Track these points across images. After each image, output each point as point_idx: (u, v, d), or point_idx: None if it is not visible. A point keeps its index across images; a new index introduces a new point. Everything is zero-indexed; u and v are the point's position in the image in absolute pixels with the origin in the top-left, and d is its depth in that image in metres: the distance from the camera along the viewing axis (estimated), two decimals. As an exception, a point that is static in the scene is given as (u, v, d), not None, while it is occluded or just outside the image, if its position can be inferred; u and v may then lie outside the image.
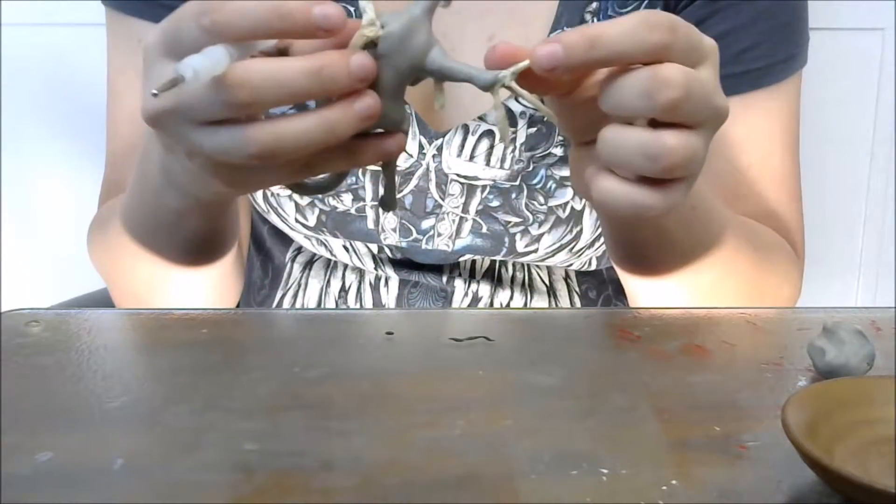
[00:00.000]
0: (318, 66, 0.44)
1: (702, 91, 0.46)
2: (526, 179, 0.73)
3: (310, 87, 0.44)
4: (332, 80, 0.44)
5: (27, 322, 0.57)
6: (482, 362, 0.52)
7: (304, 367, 0.51)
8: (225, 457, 0.42)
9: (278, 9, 0.44)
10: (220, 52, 0.44)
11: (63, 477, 0.41)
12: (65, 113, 1.15)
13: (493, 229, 0.74)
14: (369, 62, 0.45)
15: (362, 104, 0.45)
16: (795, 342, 0.54)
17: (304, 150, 0.46)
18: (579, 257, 0.77)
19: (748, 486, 0.40)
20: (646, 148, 0.46)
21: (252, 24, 0.44)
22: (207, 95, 0.44)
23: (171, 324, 0.57)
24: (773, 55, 0.74)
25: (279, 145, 0.45)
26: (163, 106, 0.47)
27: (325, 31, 0.44)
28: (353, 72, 0.44)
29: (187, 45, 0.45)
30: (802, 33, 0.77)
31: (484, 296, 0.78)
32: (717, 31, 0.73)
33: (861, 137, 1.22)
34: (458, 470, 0.41)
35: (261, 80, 0.44)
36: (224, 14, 0.44)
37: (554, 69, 0.45)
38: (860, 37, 1.17)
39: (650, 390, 0.49)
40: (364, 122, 0.46)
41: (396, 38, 0.46)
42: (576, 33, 0.45)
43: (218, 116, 0.45)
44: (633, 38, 0.45)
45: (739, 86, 0.73)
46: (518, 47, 0.47)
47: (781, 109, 0.76)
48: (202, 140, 0.46)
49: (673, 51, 0.46)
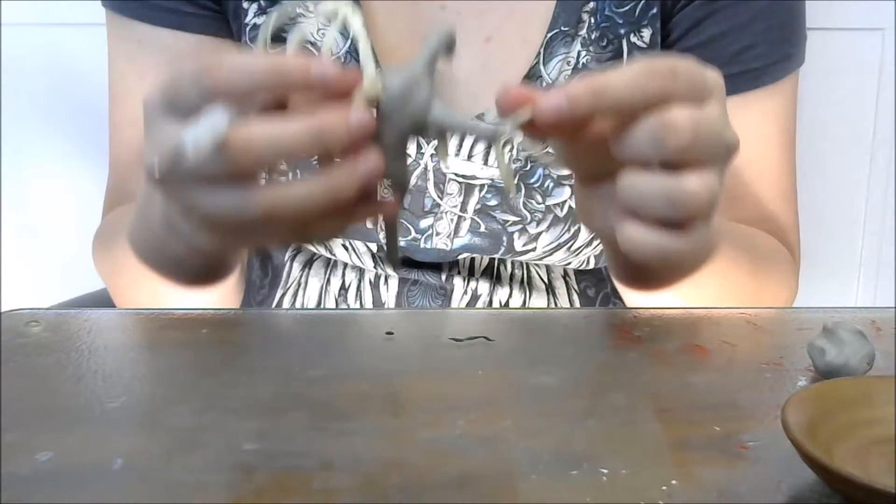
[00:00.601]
0: (319, 126, 0.44)
1: (710, 129, 0.46)
2: (524, 178, 0.73)
3: (311, 148, 0.44)
4: (332, 140, 0.44)
5: (27, 322, 0.57)
6: (482, 362, 0.52)
7: (304, 367, 0.51)
8: (225, 457, 0.42)
9: (276, 68, 0.44)
10: (220, 117, 0.44)
11: (63, 477, 0.41)
12: (65, 113, 1.15)
13: (492, 228, 0.74)
14: (368, 119, 0.45)
15: (365, 166, 0.45)
16: (795, 342, 0.54)
17: (307, 213, 0.46)
18: (577, 256, 0.77)
19: (748, 486, 0.40)
20: (669, 194, 0.45)
21: (250, 83, 0.44)
22: (209, 158, 0.44)
23: (171, 324, 0.57)
24: (770, 55, 0.74)
25: (283, 209, 0.45)
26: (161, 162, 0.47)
27: (323, 88, 0.45)
28: (353, 130, 0.44)
29: (187, 105, 0.45)
30: (800, 33, 0.77)
31: (483, 293, 0.78)
32: (714, 32, 0.73)
33: (861, 137, 1.22)
34: (458, 470, 0.41)
35: (263, 144, 0.44)
36: (222, 73, 0.44)
37: (559, 122, 0.45)
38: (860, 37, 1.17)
39: (650, 390, 0.49)
40: (367, 184, 0.46)
41: (397, 97, 0.46)
42: (579, 85, 0.45)
43: (219, 177, 0.46)
44: (636, 86, 0.45)
45: (737, 85, 0.74)
46: (530, 91, 0.46)
47: (779, 109, 0.77)
48: (203, 200, 0.47)
49: (676, 95, 0.45)
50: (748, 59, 0.74)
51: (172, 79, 0.46)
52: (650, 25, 0.73)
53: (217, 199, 0.46)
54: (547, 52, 0.73)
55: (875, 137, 1.22)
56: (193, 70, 0.45)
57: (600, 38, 0.73)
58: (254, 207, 0.45)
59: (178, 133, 0.45)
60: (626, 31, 0.73)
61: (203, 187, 0.46)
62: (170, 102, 0.46)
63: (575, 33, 0.73)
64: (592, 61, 0.73)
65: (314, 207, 0.45)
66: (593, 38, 0.73)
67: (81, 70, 1.12)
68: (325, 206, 0.45)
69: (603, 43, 0.73)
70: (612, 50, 0.73)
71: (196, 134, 0.43)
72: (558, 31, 0.73)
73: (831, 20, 1.14)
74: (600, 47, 0.73)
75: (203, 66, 0.45)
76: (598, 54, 0.73)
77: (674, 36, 0.75)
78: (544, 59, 0.73)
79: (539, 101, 0.45)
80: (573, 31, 0.73)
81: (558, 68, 0.73)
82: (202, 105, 0.45)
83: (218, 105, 0.44)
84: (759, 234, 0.76)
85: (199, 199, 0.47)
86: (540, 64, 0.73)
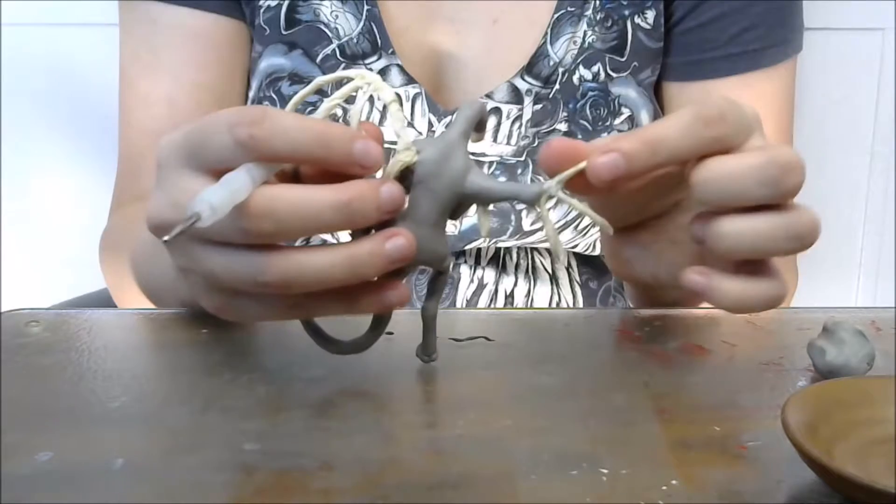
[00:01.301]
0: (347, 199, 0.41)
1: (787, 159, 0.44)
2: (531, 155, 0.74)
3: (337, 221, 0.41)
4: (360, 214, 0.41)
5: (27, 322, 0.57)
6: (482, 362, 0.52)
7: (304, 367, 0.51)
8: (225, 457, 0.42)
9: (322, 136, 0.41)
10: (242, 180, 0.40)
11: (63, 477, 0.41)
12: (65, 113, 1.15)
13: (500, 207, 0.75)
14: (399, 193, 0.42)
15: (395, 245, 0.42)
16: (795, 342, 0.54)
17: (323, 286, 0.42)
18: (584, 237, 0.78)
19: (748, 486, 0.40)
20: (787, 226, 0.44)
21: (292, 147, 0.41)
22: (226, 220, 0.40)
23: (171, 324, 0.57)
24: (769, 37, 0.77)
25: (298, 278, 0.41)
26: (171, 219, 0.43)
27: (361, 168, 0.42)
28: (383, 205, 0.41)
29: (213, 156, 0.42)
30: (797, 18, 0.79)
31: (489, 282, 0.79)
32: (713, 14, 0.76)
33: (861, 137, 1.22)
34: (458, 470, 0.41)
35: (286, 212, 0.41)
36: (265, 131, 0.40)
37: (615, 180, 0.43)
38: (860, 37, 1.17)
39: (650, 390, 0.49)
40: (394, 265, 0.43)
41: (433, 163, 0.44)
42: (633, 140, 0.43)
43: (233, 241, 0.42)
44: (692, 136, 0.43)
45: (737, 66, 0.76)
46: (574, 144, 0.44)
47: (777, 93, 0.79)
48: (212, 261, 0.43)
49: (728, 138, 0.44)
50: (747, 40, 0.76)
51: (199, 126, 0.43)
52: (654, 7, 0.75)
53: (228, 260, 0.42)
54: (554, 31, 0.74)
55: (875, 137, 1.22)
56: (229, 120, 0.41)
57: (605, 18, 0.74)
58: (271, 272, 0.41)
59: (194, 189, 0.41)
60: (630, 11, 0.75)
61: (213, 246, 0.43)
62: (192, 151, 0.43)
63: (581, 13, 0.74)
64: (598, 41, 0.74)
65: (332, 280, 0.42)
66: (598, 18, 0.74)
67: (81, 70, 1.12)
68: (344, 281, 0.42)
69: (608, 24, 0.74)
70: (616, 31, 0.75)
71: (215, 197, 0.39)
72: (565, 10, 0.74)
73: (831, 20, 1.14)
74: (605, 28, 0.74)
75: (242, 117, 0.41)
76: (603, 35, 0.74)
77: (675, 17, 0.77)
78: (551, 39, 0.74)
79: (592, 158, 0.43)
80: (579, 10, 0.74)
81: (565, 48, 0.74)
82: (233, 160, 0.41)
83: (247, 164, 0.41)
84: None
85: (208, 257, 0.43)
86: (547, 44, 0.74)
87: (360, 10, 0.73)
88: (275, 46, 0.75)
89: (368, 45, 0.73)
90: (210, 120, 0.42)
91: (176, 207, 0.43)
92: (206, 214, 0.39)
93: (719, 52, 0.75)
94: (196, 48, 0.76)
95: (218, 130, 0.41)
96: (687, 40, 0.77)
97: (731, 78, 0.77)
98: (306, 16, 0.74)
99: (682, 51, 0.77)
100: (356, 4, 0.73)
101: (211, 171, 0.42)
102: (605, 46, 0.75)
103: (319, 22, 0.74)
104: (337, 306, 0.44)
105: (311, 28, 0.74)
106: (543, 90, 0.74)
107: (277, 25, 0.74)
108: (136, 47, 0.78)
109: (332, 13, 0.73)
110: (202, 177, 0.42)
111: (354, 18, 0.73)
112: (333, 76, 0.46)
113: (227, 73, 0.78)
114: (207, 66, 0.77)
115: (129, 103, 0.79)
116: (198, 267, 0.44)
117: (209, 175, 0.42)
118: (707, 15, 0.76)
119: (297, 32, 0.74)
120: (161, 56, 0.76)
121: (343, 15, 0.74)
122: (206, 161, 0.42)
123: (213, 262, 0.43)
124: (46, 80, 1.13)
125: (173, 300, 0.58)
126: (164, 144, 0.45)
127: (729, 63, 0.75)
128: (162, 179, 0.45)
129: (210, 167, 0.42)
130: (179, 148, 0.43)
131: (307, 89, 0.47)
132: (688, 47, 0.77)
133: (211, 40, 0.76)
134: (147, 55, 0.77)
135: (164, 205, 0.44)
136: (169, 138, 0.44)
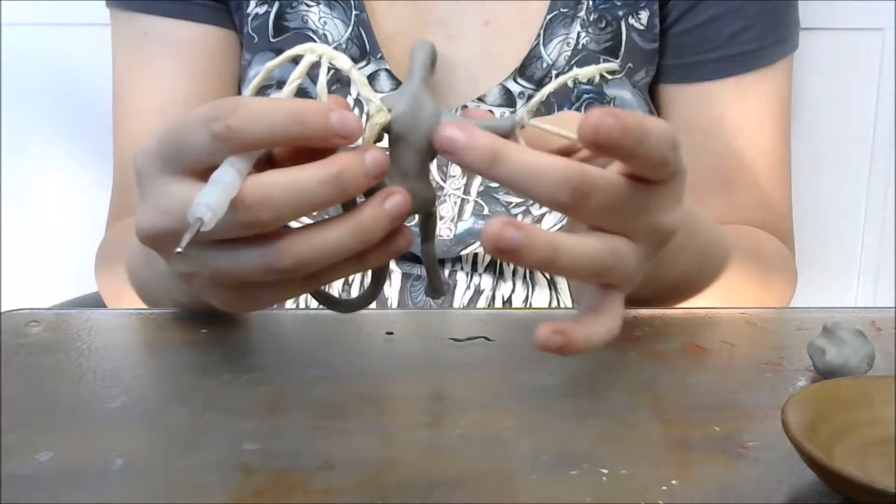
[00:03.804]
0: (336, 171, 0.41)
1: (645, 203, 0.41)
2: None
3: (330, 195, 0.41)
4: (351, 184, 0.41)
5: (27, 322, 0.57)
6: (482, 362, 0.52)
7: (304, 367, 0.51)
8: (225, 457, 0.42)
9: (298, 113, 0.40)
10: (231, 175, 0.40)
11: (63, 477, 0.41)
12: (65, 113, 1.15)
13: (495, 211, 0.74)
14: (383, 157, 0.42)
15: (393, 203, 0.42)
16: (795, 342, 0.54)
17: (337, 259, 0.42)
18: None
19: (748, 486, 0.40)
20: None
21: (269, 130, 0.40)
22: (222, 217, 0.40)
23: (171, 324, 0.57)
24: (764, 38, 0.76)
25: (314, 258, 0.42)
26: (164, 227, 0.43)
27: (341, 138, 0.41)
28: (370, 170, 0.42)
29: (192, 156, 0.41)
30: (792, 18, 0.79)
31: (486, 288, 0.78)
32: (708, 16, 0.76)
33: (861, 137, 1.22)
34: (458, 470, 0.41)
35: (281, 195, 0.40)
36: (241, 119, 0.40)
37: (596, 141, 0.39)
38: (860, 37, 1.17)
39: (650, 390, 0.49)
40: (396, 223, 0.43)
41: (407, 116, 0.44)
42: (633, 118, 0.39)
43: (234, 236, 0.42)
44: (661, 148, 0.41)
45: (734, 67, 0.76)
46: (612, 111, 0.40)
47: (774, 93, 0.78)
48: (218, 260, 0.43)
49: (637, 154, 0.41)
50: (743, 41, 0.76)
51: (174, 128, 0.42)
52: (647, 7, 0.75)
53: (235, 257, 0.42)
54: (547, 33, 0.74)
55: (875, 137, 1.22)
56: (203, 117, 0.40)
57: (598, 19, 0.74)
58: (287, 258, 0.41)
59: (183, 193, 0.41)
60: (624, 13, 0.75)
61: (217, 248, 0.42)
62: (170, 155, 0.42)
63: (574, 14, 0.74)
64: (592, 42, 0.74)
65: (346, 252, 0.42)
66: (592, 19, 0.74)
67: (81, 70, 1.12)
68: (357, 249, 0.42)
69: (601, 24, 0.74)
70: (610, 32, 0.74)
71: (210, 198, 0.39)
72: (557, 12, 0.74)
73: (831, 20, 1.14)
74: (599, 29, 0.74)
75: (214, 112, 0.40)
76: (597, 36, 0.74)
77: (670, 19, 0.76)
78: (544, 41, 0.74)
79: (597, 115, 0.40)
80: (572, 11, 0.74)
81: (558, 49, 0.73)
82: (213, 157, 0.41)
83: (229, 158, 0.40)
84: (763, 239, 0.76)
85: (213, 258, 0.43)
86: (540, 45, 0.74)
87: (348, 16, 0.73)
88: (263, 54, 0.75)
89: (357, 51, 0.73)
90: (183, 121, 0.42)
91: (165, 215, 0.42)
92: (207, 217, 0.38)
93: (715, 54, 0.75)
94: (187, 59, 0.77)
95: (193, 130, 0.41)
96: (682, 42, 0.77)
97: (727, 79, 0.77)
98: (294, 23, 0.74)
99: (678, 53, 0.77)
100: (345, 10, 0.73)
101: (192, 171, 0.42)
102: (599, 48, 0.74)
103: (308, 29, 0.74)
104: (349, 267, 0.45)
105: (299, 35, 0.74)
106: (536, 93, 0.74)
107: (266, 33, 0.74)
108: (128, 60, 0.78)
109: (320, 19, 0.73)
110: (185, 179, 0.42)
111: (343, 24, 0.73)
112: (282, 57, 0.45)
113: (218, 82, 0.78)
114: (198, 77, 0.77)
115: (122, 116, 0.79)
116: (203, 269, 0.44)
117: (191, 176, 0.42)
118: (702, 17, 0.76)
119: (285, 40, 0.74)
120: (153, 68, 0.77)
121: (332, 21, 0.74)
122: (186, 162, 0.42)
123: (220, 262, 0.43)
124: (46, 80, 1.13)
125: (170, 304, 0.58)
126: (139, 156, 0.44)
127: (725, 64, 0.75)
128: (145, 190, 0.44)
129: (191, 168, 0.42)
130: (156, 155, 0.43)
131: (260, 76, 0.46)
132: (683, 49, 0.77)
133: (201, 51, 0.77)
134: (139, 68, 0.77)
135: (152, 215, 0.43)
136: (143, 148, 0.44)
